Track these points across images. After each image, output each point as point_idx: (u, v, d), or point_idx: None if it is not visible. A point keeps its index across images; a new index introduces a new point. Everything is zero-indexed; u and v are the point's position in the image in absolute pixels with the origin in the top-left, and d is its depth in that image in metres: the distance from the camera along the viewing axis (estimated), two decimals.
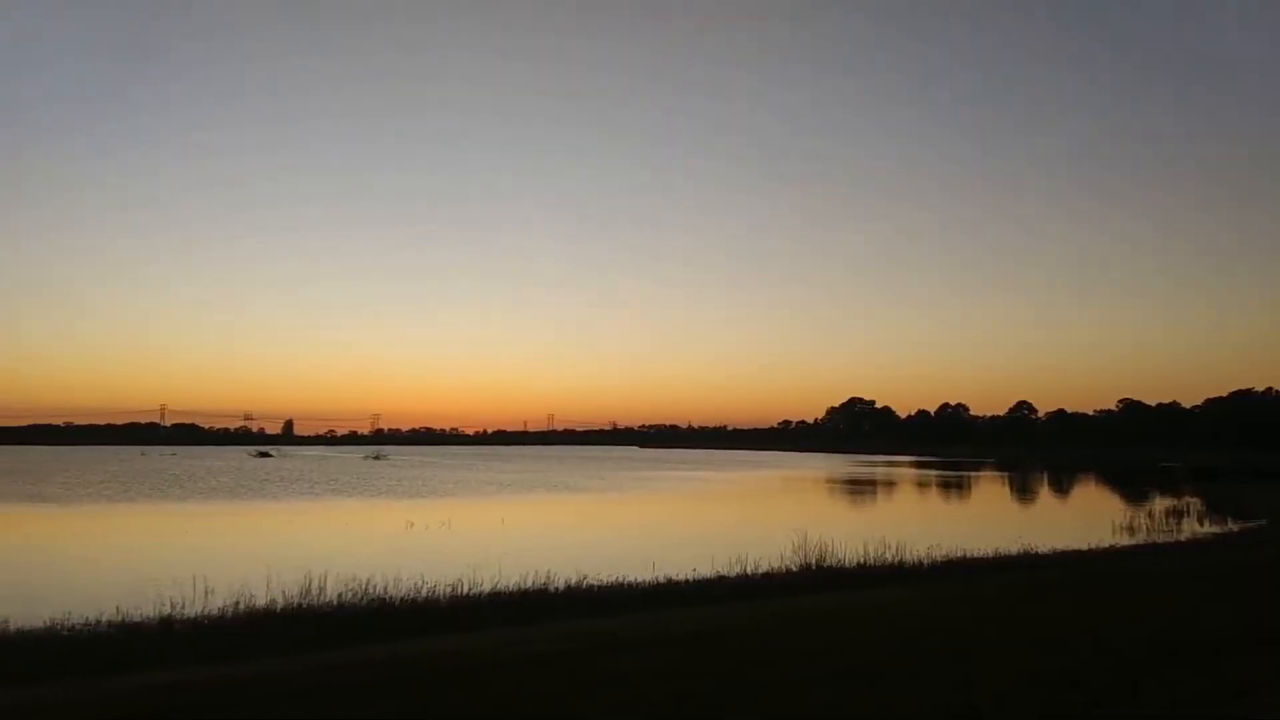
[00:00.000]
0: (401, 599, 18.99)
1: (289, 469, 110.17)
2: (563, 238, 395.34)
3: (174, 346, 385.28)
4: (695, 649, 12.20)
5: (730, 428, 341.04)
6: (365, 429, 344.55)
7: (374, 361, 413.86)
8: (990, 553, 28.63)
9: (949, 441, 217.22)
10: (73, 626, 16.15)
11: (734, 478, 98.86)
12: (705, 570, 23.91)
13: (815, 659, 11.17)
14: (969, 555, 27.84)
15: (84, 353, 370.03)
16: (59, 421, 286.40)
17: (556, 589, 20.60)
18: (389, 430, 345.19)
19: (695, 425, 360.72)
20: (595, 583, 21.58)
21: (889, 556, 26.56)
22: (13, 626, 15.87)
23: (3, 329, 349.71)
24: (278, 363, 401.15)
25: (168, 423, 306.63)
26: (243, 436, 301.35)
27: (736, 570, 24.16)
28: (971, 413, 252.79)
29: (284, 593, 19.46)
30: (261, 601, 18.75)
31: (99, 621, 16.54)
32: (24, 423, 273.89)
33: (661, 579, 22.53)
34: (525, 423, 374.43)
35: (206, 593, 20.40)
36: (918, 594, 18.75)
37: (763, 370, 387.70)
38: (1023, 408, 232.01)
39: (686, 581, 22.32)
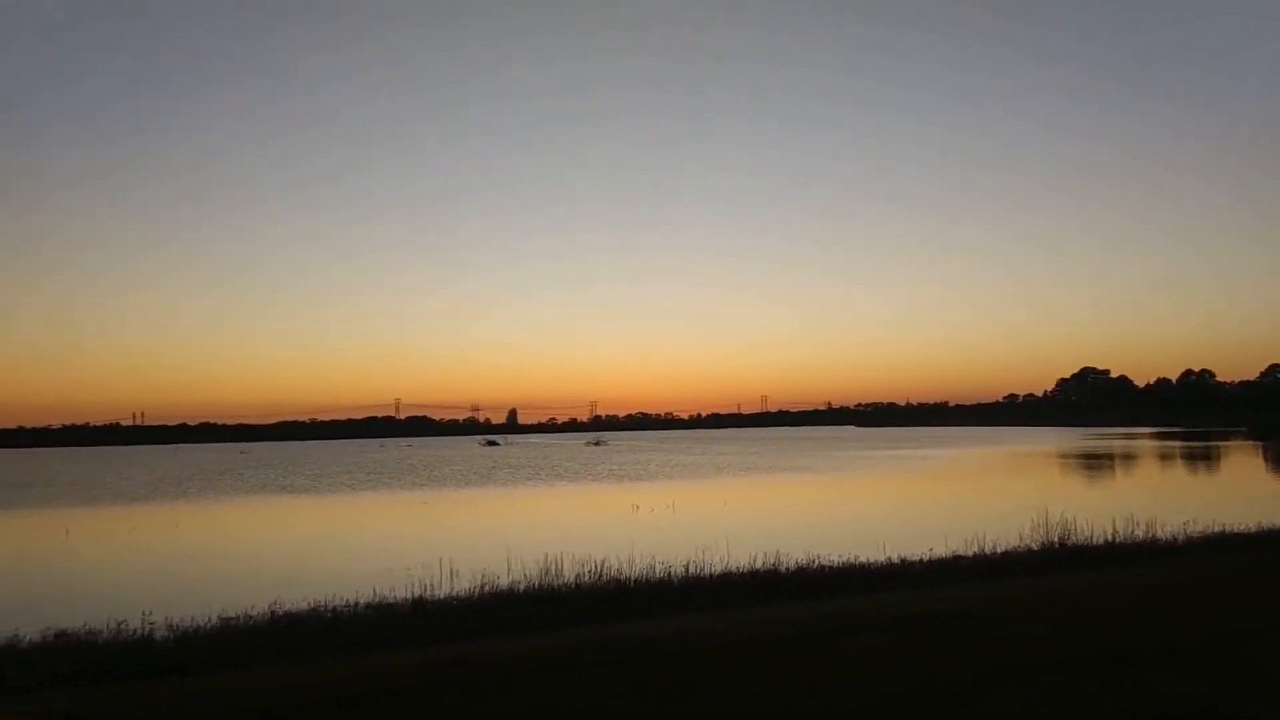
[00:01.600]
0: (635, 580, 19.38)
1: (515, 456, 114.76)
2: (773, 220, 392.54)
3: (407, 344, 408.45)
4: (931, 631, 11.84)
5: (952, 403, 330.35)
6: (584, 416, 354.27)
7: (591, 351, 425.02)
8: (1253, 527, 26.52)
9: (1193, 410, 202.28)
10: (334, 608, 17.30)
11: (960, 454, 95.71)
12: (940, 550, 23.22)
13: (1060, 643, 10.61)
14: (1228, 530, 25.88)
15: (326, 353, 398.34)
16: (305, 418, 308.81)
17: (787, 569, 20.49)
18: (606, 416, 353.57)
19: (914, 402, 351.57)
20: (826, 564, 21.33)
21: (1138, 533, 24.98)
22: (281, 609, 17.16)
23: (255, 341, 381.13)
24: (502, 355, 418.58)
25: (402, 415, 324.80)
26: (470, 427, 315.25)
27: (973, 550, 23.34)
28: (1218, 378, 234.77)
29: (525, 574, 20.24)
30: (504, 583, 19.55)
31: (357, 603, 17.65)
32: (273, 420, 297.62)
33: (895, 559, 22.03)
34: (739, 405, 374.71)
35: (452, 575, 21.44)
36: (1175, 572, 17.56)
37: (987, 341, 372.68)
38: (1277, 370, 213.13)
39: (920, 562, 21.75)
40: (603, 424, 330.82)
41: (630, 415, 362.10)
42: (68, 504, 54.45)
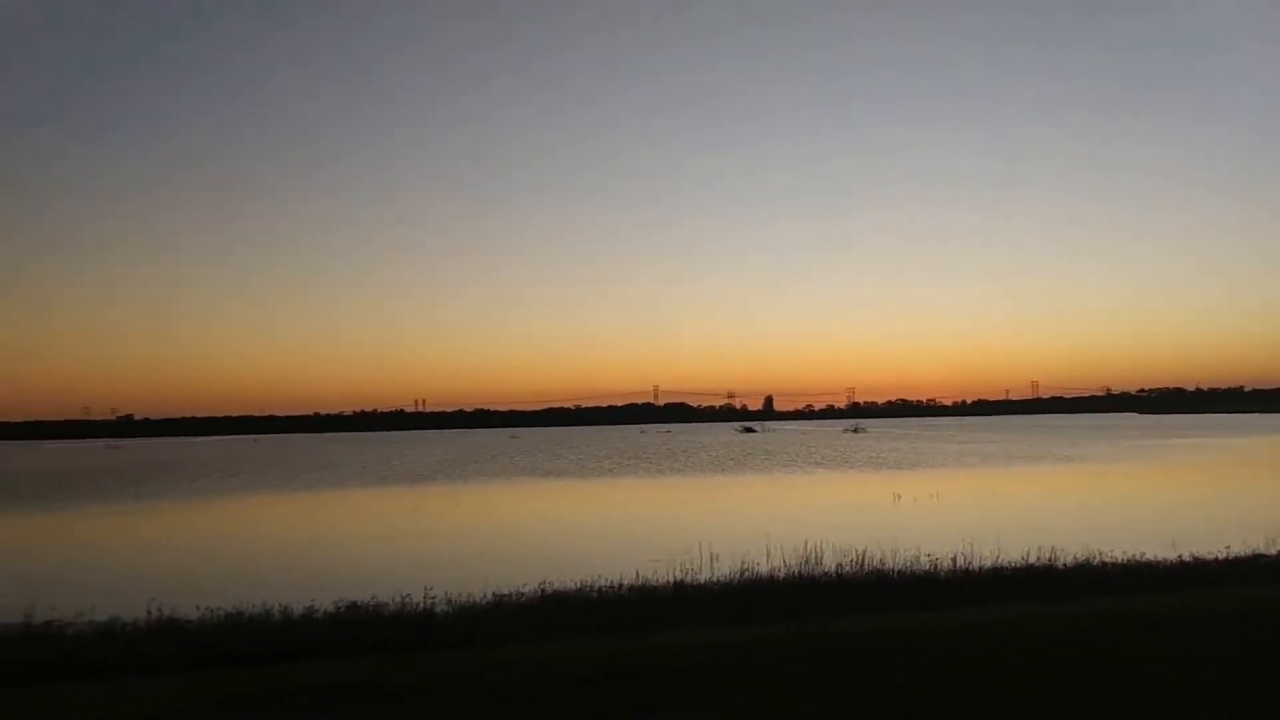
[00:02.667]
0: (899, 571, 18.80)
1: (772, 443, 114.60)
2: (1038, 203, 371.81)
3: (666, 333, 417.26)
4: (1231, 633, 10.78)
5: (1247, 388, 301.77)
6: (841, 403, 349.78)
7: (849, 337, 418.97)
8: None
9: None
10: (600, 589, 17.76)
11: (1258, 443, 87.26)
12: (1238, 548, 21.20)
13: None
14: None
15: (591, 343, 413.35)
16: (570, 405, 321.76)
17: (1064, 565, 19.31)
18: (865, 403, 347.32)
19: (1204, 387, 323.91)
20: (1107, 560, 19.92)
21: None
22: (550, 589, 17.78)
23: (525, 331, 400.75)
24: (759, 343, 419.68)
25: (661, 402, 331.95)
26: (727, 413, 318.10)
27: (1277, 548, 21.20)
28: None
29: (784, 562, 20.09)
30: (764, 570, 19.47)
31: (621, 585, 18.03)
32: (541, 407, 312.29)
33: (1187, 557, 20.30)
34: (1006, 391, 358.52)
35: (713, 560, 21.58)
36: None
37: None
38: None
39: (1215, 560, 19.93)
40: (861, 411, 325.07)
41: (889, 402, 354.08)
42: (359, 485, 59.12)
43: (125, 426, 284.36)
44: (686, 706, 8.23)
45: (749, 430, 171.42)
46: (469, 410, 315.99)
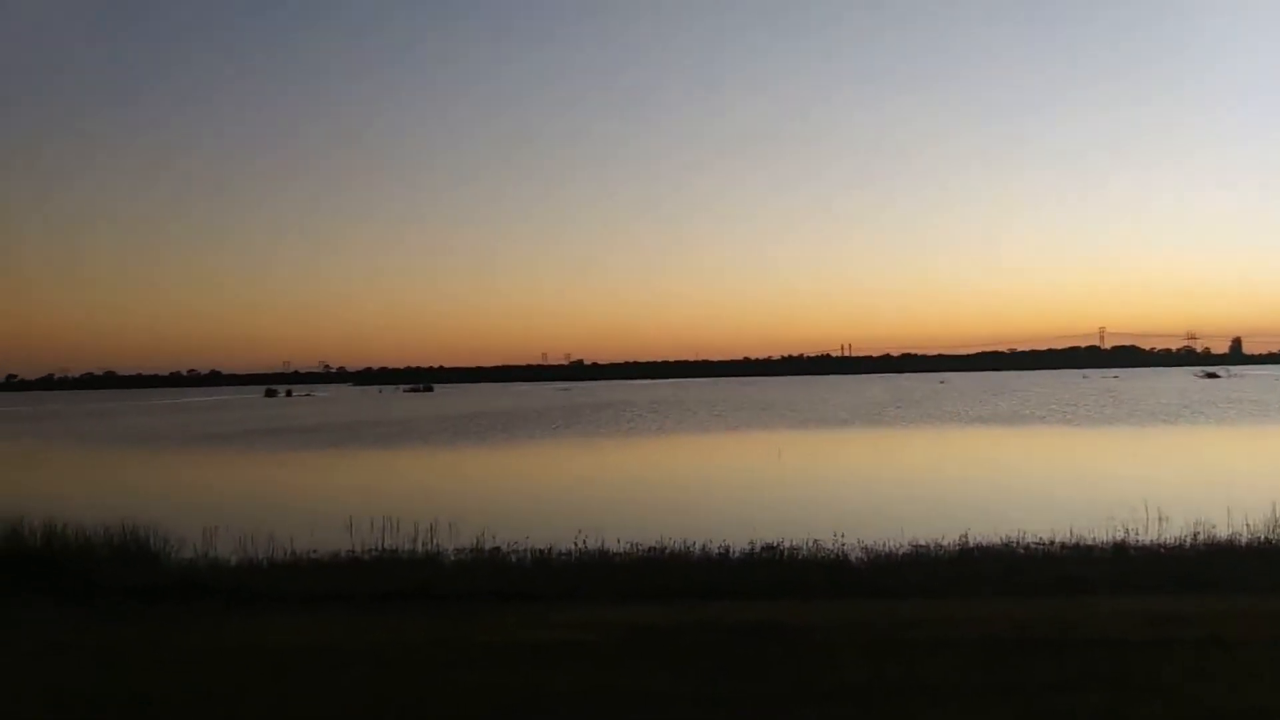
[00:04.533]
0: None
1: (1241, 390, 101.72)
2: None
3: (1114, 269, 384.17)
4: None
5: None
6: None
7: None
8: None
9: None
10: (1027, 545, 16.53)
11: None
12: None
13: None
14: None
15: (1024, 283, 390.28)
16: (1004, 349, 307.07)
17: None
18: None
19: None
20: None
21: None
22: (971, 541, 16.76)
23: (948, 273, 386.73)
24: (1223, 278, 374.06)
25: (1107, 345, 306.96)
26: (1185, 357, 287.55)
27: None
28: None
29: (1247, 526, 17.54)
30: (1222, 534, 17.12)
31: (1052, 542, 16.70)
32: (971, 351, 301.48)
33: None
34: None
35: (1160, 520, 19.40)
36: None
37: None
38: None
39: None
40: None
41: None
42: (785, 426, 60.23)
43: (576, 371, 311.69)
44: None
45: (1211, 376, 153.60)
46: (895, 355, 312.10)
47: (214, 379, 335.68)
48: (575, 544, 16.86)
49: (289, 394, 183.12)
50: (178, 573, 16.66)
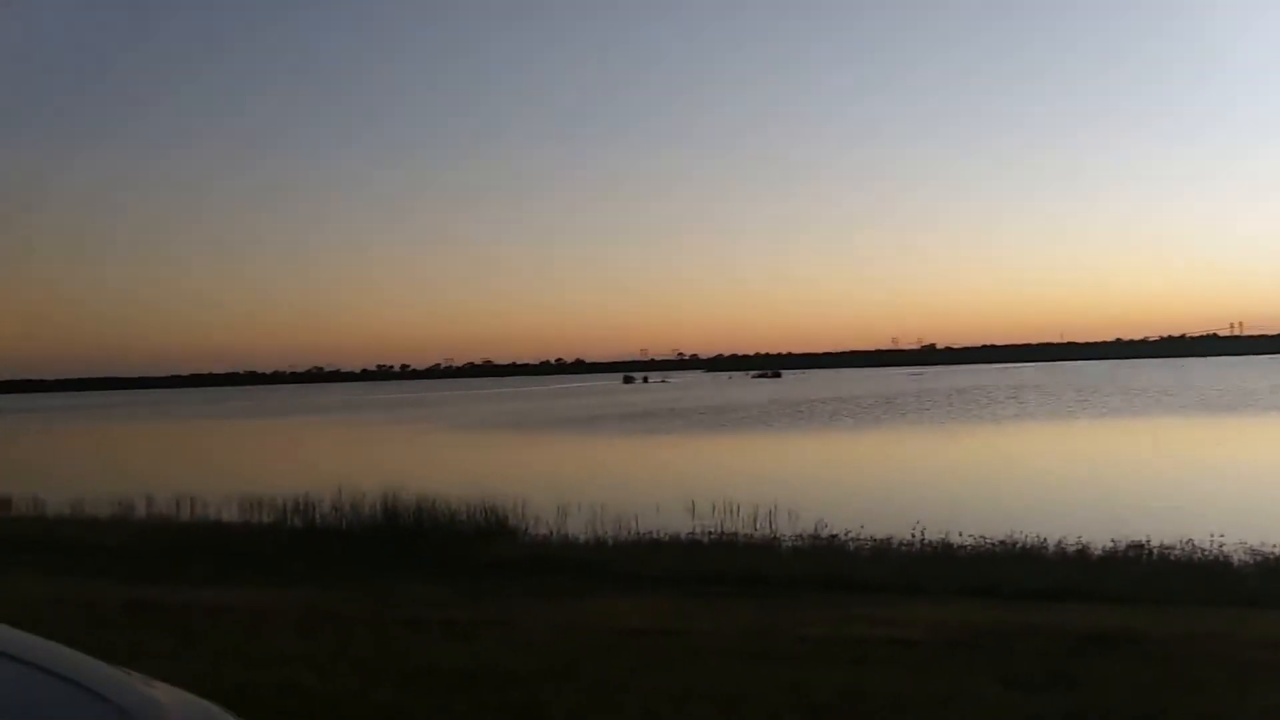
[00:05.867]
0: None
1: None
2: None
3: None
4: None
5: None
6: None
7: None
8: None
9: None
10: None
11: None
12: None
13: None
14: None
15: None
16: None
17: None
18: None
19: None
20: None
21: None
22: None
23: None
24: None
25: None
26: None
27: None
28: None
29: None
30: None
31: None
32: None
33: None
34: None
35: None
36: None
37: None
38: None
39: None
40: None
41: None
42: (1162, 412, 54.93)
43: (928, 355, 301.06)
44: None
45: None
46: None
47: (578, 367, 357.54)
48: (914, 535, 16.18)
49: (645, 380, 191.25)
50: (531, 549, 17.76)
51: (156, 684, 2.23)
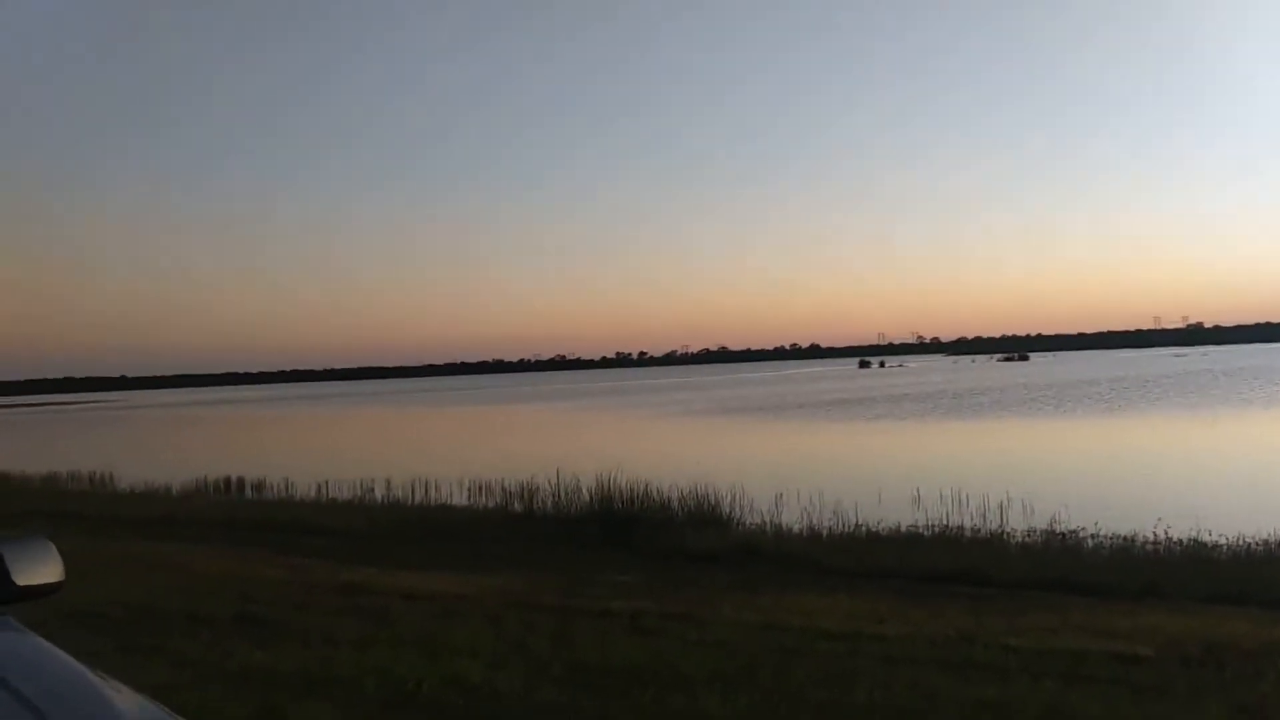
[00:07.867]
0: None
1: None
2: None
3: None
4: None
5: None
6: None
7: None
8: None
9: None
10: None
11: None
12: None
13: None
14: None
15: None
16: None
17: None
18: None
19: None
20: None
21: None
22: None
23: None
24: None
25: None
26: None
27: None
28: None
29: None
30: None
31: None
32: None
33: None
34: None
35: None
36: None
37: None
38: None
39: None
40: None
41: None
42: None
43: (1194, 335, 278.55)
44: None
45: None
46: None
47: (813, 352, 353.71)
48: (1156, 532, 14.67)
49: (881, 365, 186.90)
50: (742, 539, 17.34)
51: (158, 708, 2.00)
